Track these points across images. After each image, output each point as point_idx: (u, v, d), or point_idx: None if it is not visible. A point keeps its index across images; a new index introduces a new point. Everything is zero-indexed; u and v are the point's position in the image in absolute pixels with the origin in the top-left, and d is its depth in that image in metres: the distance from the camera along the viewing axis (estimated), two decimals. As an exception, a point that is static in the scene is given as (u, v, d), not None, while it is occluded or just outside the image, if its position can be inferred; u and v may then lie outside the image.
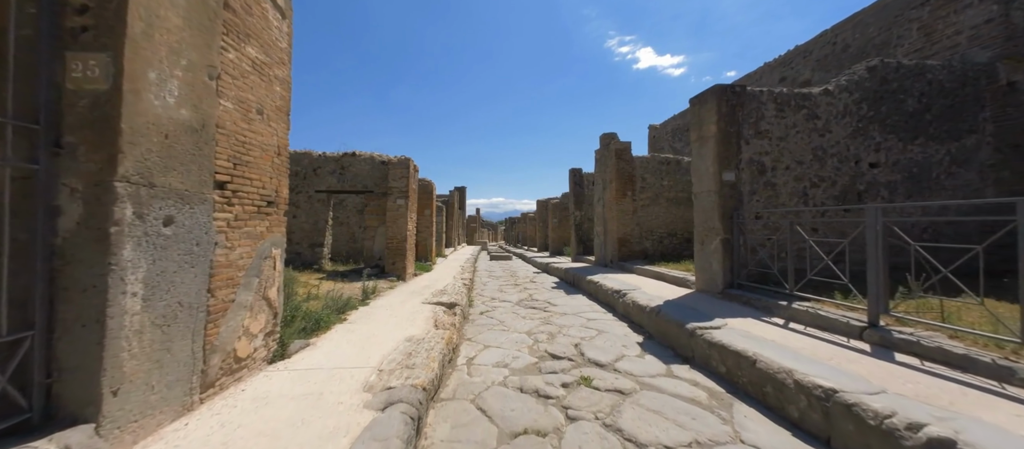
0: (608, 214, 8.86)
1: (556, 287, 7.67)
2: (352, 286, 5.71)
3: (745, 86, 5.00)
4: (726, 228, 4.80)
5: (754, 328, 3.40)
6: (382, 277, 6.93)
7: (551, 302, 6.05)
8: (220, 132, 2.05)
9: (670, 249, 8.45)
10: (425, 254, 10.68)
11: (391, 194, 7.22)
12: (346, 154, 7.65)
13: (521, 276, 9.95)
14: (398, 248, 7.18)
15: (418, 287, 6.14)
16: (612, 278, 6.58)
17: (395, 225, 7.20)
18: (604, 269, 8.26)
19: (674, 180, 8.55)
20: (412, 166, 7.44)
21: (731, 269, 4.76)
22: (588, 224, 12.56)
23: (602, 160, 9.34)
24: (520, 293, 7.01)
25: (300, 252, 7.50)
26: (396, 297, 5.13)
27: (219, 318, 2.05)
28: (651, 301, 4.53)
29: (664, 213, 8.49)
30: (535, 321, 4.80)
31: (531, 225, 26.40)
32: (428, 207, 10.95)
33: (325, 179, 7.58)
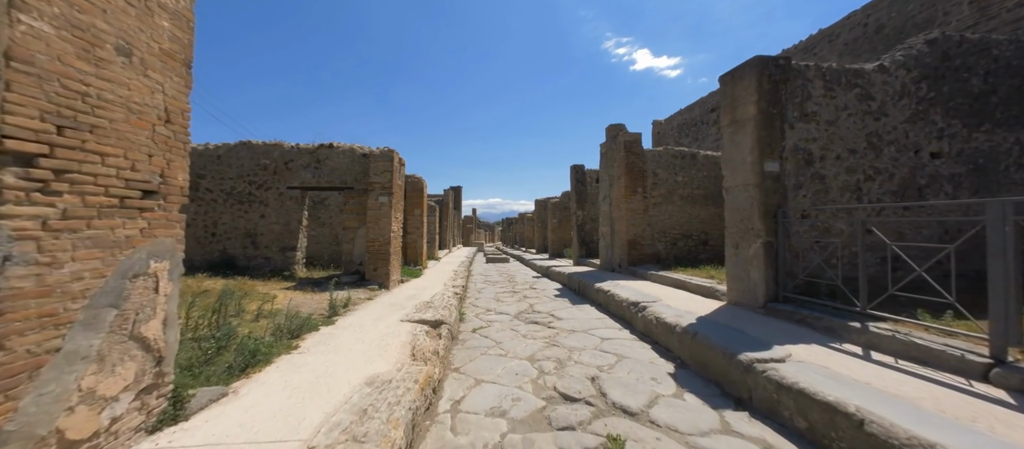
0: (615, 213, 8.05)
1: (559, 295, 6.86)
2: (321, 298, 4.87)
3: (789, 59, 4.20)
4: (768, 229, 4.00)
5: (831, 360, 2.60)
6: (361, 285, 6.09)
7: (555, 315, 5.23)
8: (17, 68, 1.21)
9: (685, 252, 7.66)
10: (415, 258, 9.85)
11: (372, 190, 6.38)
12: (322, 146, 6.81)
13: (520, 282, 9.13)
14: (380, 252, 6.34)
15: (401, 298, 5.31)
16: (624, 286, 5.77)
17: (377, 226, 6.37)
18: (612, 275, 7.45)
19: (689, 176, 7.76)
20: (396, 159, 6.61)
21: (775, 279, 3.96)
22: (591, 225, 11.75)
23: (608, 155, 8.54)
24: (519, 303, 6.19)
25: (269, 257, 6.65)
26: (371, 312, 4.30)
27: (13, 384, 1.21)
28: (680, 318, 3.72)
29: (678, 212, 7.70)
30: (538, 341, 3.98)
31: (529, 226, 25.60)
32: (418, 206, 10.12)
33: (298, 174, 6.74)
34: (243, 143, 6.76)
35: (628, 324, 4.62)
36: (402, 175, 7.13)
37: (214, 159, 6.68)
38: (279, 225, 6.70)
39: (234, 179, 6.69)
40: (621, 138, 7.70)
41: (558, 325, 4.67)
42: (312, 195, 9.64)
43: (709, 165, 7.84)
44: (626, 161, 7.55)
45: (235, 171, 6.70)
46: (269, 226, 6.69)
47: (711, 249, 7.75)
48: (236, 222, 6.64)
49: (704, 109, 13.14)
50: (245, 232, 6.64)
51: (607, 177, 8.67)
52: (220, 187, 6.67)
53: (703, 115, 13.15)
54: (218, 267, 6.34)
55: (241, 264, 6.56)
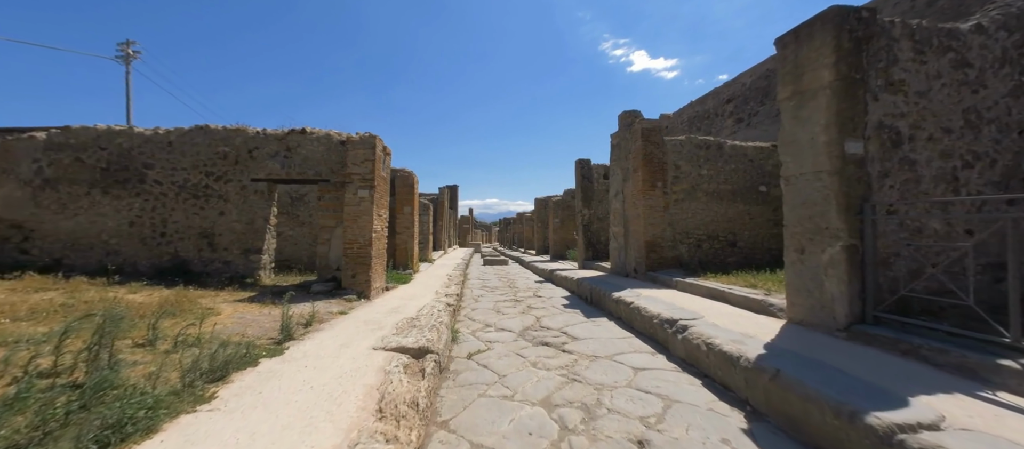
0: (631, 211, 7.17)
1: (569, 305, 5.96)
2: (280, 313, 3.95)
3: (875, 11, 3.33)
4: (851, 228, 3.12)
5: (1004, 427, 1.72)
6: (337, 295, 5.17)
7: (568, 332, 4.34)
8: None
9: (711, 256, 6.78)
10: (404, 261, 8.93)
11: (350, 183, 5.46)
12: (293, 131, 5.88)
13: (521, 287, 8.23)
14: (359, 255, 5.42)
15: (382, 311, 4.40)
16: (650, 297, 4.88)
17: (356, 225, 5.45)
18: (628, 281, 6.57)
19: (714, 169, 6.89)
20: (379, 146, 5.69)
21: (861, 293, 3.08)
22: (598, 224, 10.88)
23: (622, 145, 7.65)
24: (523, 315, 5.29)
25: (230, 261, 5.71)
26: (339, 333, 3.38)
27: None
28: (740, 345, 2.84)
29: (703, 210, 6.83)
30: (553, 374, 3.09)
31: (528, 226, 24.72)
32: (408, 203, 9.20)
33: (264, 164, 5.80)
34: (199, 128, 5.82)
35: (662, 347, 3.74)
36: (387, 166, 6.21)
37: (164, 146, 5.74)
38: (241, 224, 5.77)
39: (188, 170, 5.75)
40: (638, 125, 6.82)
41: (575, 348, 3.77)
42: (285, 190, 8.71)
43: (737, 157, 6.98)
44: (644, 152, 6.67)
45: (189, 160, 5.75)
46: (229, 225, 5.75)
47: (740, 252, 6.89)
48: (190, 220, 5.70)
49: (718, 101, 12.30)
50: (201, 232, 5.70)
51: (620, 171, 7.79)
52: (171, 179, 5.72)
53: (717, 107, 12.31)
54: (168, 273, 5.39)
55: (196, 269, 5.62)
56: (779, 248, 6.96)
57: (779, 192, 7.18)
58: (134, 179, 5.66)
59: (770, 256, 6.94)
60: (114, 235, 5.58)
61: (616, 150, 8.03)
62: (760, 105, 10.52)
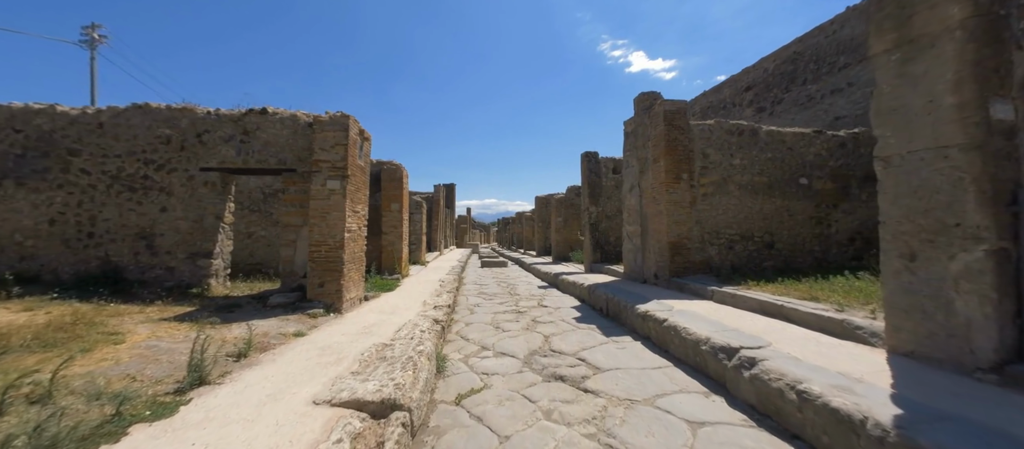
0: (650, 208, 6.26)
1: (581, 318, 5.05)
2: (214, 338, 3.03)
3: (1024, -80, 2.42)
4: (999, 225, 2.21)
5: None
6: (299, 309, 4.25)
7: (587, 358, 3.43)
8: None
9: (745, 259, 5.88)
10: (391, 264, 8.00)
11: (318, 172, 4.54)
12: (251, 112, 4.95)
13: (523, 294, 7.31)
14: (328, 259, 4.50)
15: (349, 332, 3.48)
16: (685, 312, 3.97)
17: (324, 222, 4.52)
18: (650, 289, 5.66)
19: (748, 158, 5.99)
20: (355, 128, 4.77)
21: (1017, 318, 2.17)
22: (607, 223, 9.97)
23: (639, 132, 6.74)
24: (528, 333, 4.37)
25: (173, 267, 4.77)
26: (273, 375, 2.46)
27: None
28: (858, 400, 1.95)
29: (735, 206, 5.93)
30: (577, 437, 2.18)
31: (528, 225, 23.81)
32: (396, 199, 8.27)
33: (217, 150, 4.87)
34: (137, 107, 4.88)
35: (717, 385, 2.83)
36: (365, 153, 5.29)
37: (93, 128, 4.80)
38: (187, 222, 4.83)
39: (123, 157, 4.81)
40: (659, 108, 5.91)
41: (600, 385, 2.86)
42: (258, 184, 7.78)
43: (774, 144, 6.07)
44: (667, 138, 5.76)
45: (125, 145, 4.82)
46: (173, 223, 4.81)
47: (779, 255, 5.99)
48: (125, 218, 4.76)
49: (736, 89, 11.41)
50: (137, 232, 4.76)
51: (635, 162, 6.88)
52: (102, 168, 4.78)
53: (735, 96, 11.43)
54: (95, 282, 4.45)
55: (131, 277, 4.68)
56: (823, 250, 6.07)
57: (822, 185, 6.31)
58: (56, 168, 4.72)
59: (812, 259, 6.04)
60: (30, 235, 4.64)
61: (631, 139, 7.13)
62: (785, 92, 9.64)
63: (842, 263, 6.08)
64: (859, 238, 6.19)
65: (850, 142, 6.26)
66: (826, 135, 6.23)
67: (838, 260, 6.10)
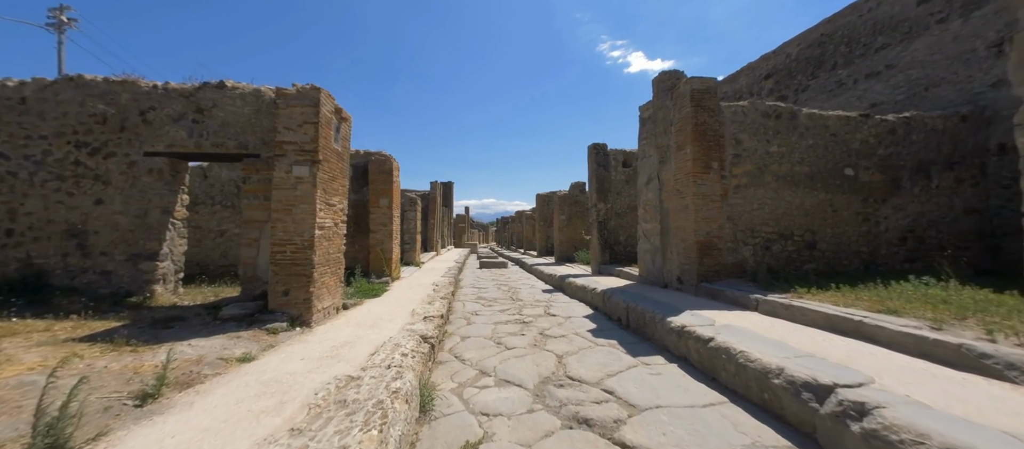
0: (673, 202, 5.51)
1: (597, 331, 4.31)
2: (122, 369, 2.28)
3: None
4: None
5: None
6: (256, 322, 3.49)
7: (616, 391, 2.69)
8: None
9: (783, 260, 5.13)
10: (380, 266, 7.24)
11: (283, 157, 3.77)
12: (206, 86, 4.19)
13: (527, 299, 6.56)
14: (295, 262, 3.73)
15: (310, 358, 2.73)
16: (732, 328, 3.23)
17: (289, 217, 3.76)
18: (674, 296, 4.92)
19: (787, 145, 5.24)
20: (328, 104, 4.01)
21: None
22: (617, 221, 9.24)
23: (657, 118, 6.00)
24: (536, 352, 3.62)
25: (108, 271, 4.00)
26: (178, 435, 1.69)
27: None
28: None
29: (772, 200, 5.18)
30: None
31: (528, 225, 23.06)
32: (385, 194, 7.51)
33: (164, 132, 4.11)
34: (68, 79, 4.11)
35: (801, 434, 2.08)
36: (343, 136, 4.53)
37: (14, 104, 4.03)
38: (128, 217, 4.06)
39: (50, 139, 4.04)
40: (686, 87, 5.16)
41: (642, 438, 2.11)
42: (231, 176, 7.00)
43: (815, 129, 5.33)
44: (695, 121, 5.01)
45: (53, 125, 4.05)
46: (110, 219, 4.04)
47: (821, 256, 5.24)
48: (52, 212, 3.99)
49: (754, 77, 10.67)
50: (67, 229, 3.99)
51: (654, 151, 6.13)
52: (24, 152, 4.01)
53: (753, 84, 10.69)
54: (11, 290, 3.68)
55: (58, 283, 3.91)
56: (871, 251, 5.33)
57: (870, 177, 5.56)
58: (-36, 151, 3.94)
59: (859, 262, 5.30)
60: (-66, 233, 3.87)
61: (648, 125, 6.37)
62: (811, 78, 8.90)
63: (893, 266, 5.35)
64: (911, 237, 5.45)
65: (900, 128, 5.52)
66: (874, 119, 5.50)
67: (888, 262, 5.36)
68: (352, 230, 7.77)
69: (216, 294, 4.98)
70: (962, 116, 5.64)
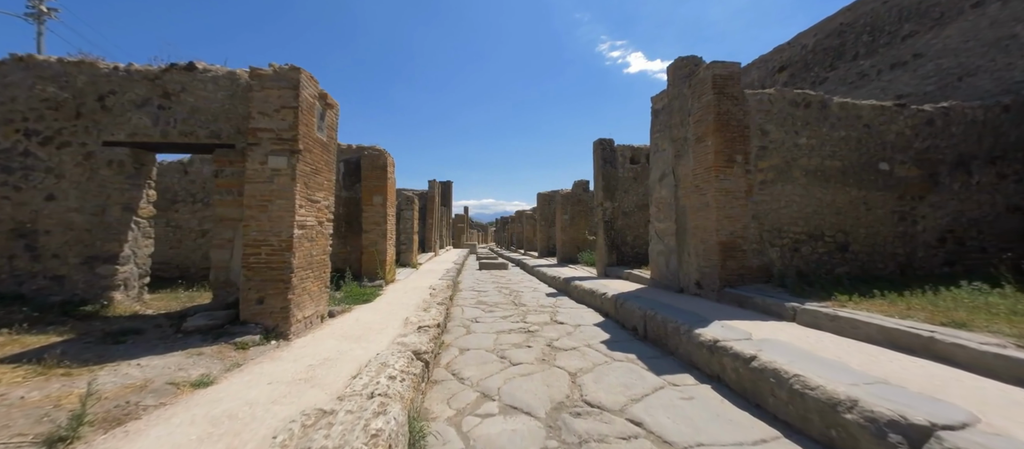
0: (691, 199, 5.08)
1: (611, 342, 3.88)
2: (44, 399, 1.83)
3: None
4: None
5: None
6: (225, 335, 3.06)
7: (645, 423, 2.28)
8: None
9: (813, 264, 4.70)
10: (373, 268, 6.81)
11: (257, 147, 3.33)
12: (173, 68, 3.76)
13: (530, 304, 6.13)
14: (271, 265, 3.30)
15: (279, 384, 2.31)
16: (773, 342, 2.81)
17: (264, 214, 3.33)
18: (696, 302, 4.50)
19: (817, 136, 4.81)
20: (310, 88, 3.57)
21: None
22: (624, 221, 8.81)
23: (673, 108, 5.57)
24: (545, 369, 3.18)
25: (61, 276, 3.56)
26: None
27: None
28: None
29: (801, 197, 4.75)
30: None
31: (528, 225, 22.63)
32: (379, 191, 7.07)
33: (126, 119, 3.67)
34: (17, 59, 3.67)
35: (894, 491, 1.64)
36: (327, 124, 4.09)
37: (-47, 86, 3.58)
38: (85, 215, 3.62)
39: (-4, 126, 3.59)
40: (707, 72, 4.73)
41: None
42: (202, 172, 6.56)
43: (847, 120, 4.89)
44: (717, 110, 4.58)
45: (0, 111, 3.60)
46: (63, 216, 3.60)
47: (854, 259, 4.81)
48: (-3, 208, 3.55)
49: (766, 70, 10.25)
50: (13, 228, 3.55)
51: (668, 144, 5.70)
52: (-34, 141, 3.57)
53: (765, 78, 10.26)
54: (-52, 296, 3.24)
55: (5, 289, 3.47)
56: (907, 253, 4.90)
57: (906, 172, 5.12)
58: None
59: (895, 264, 4.88)
60: None
61: (662, 117, 5.94)
62: (829, 70, 8.48)
63: (931, 269, 4.93)
64: (951, 238, 5.03)
65: (939, 118, 5.09)
66: (910, 109, 5.07)
67: (926, 265, 4.94)
68: (344, 230, 7.33)
69: (192, 300, 4.55)
70: (1004, 107, 5.21)
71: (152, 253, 4.08)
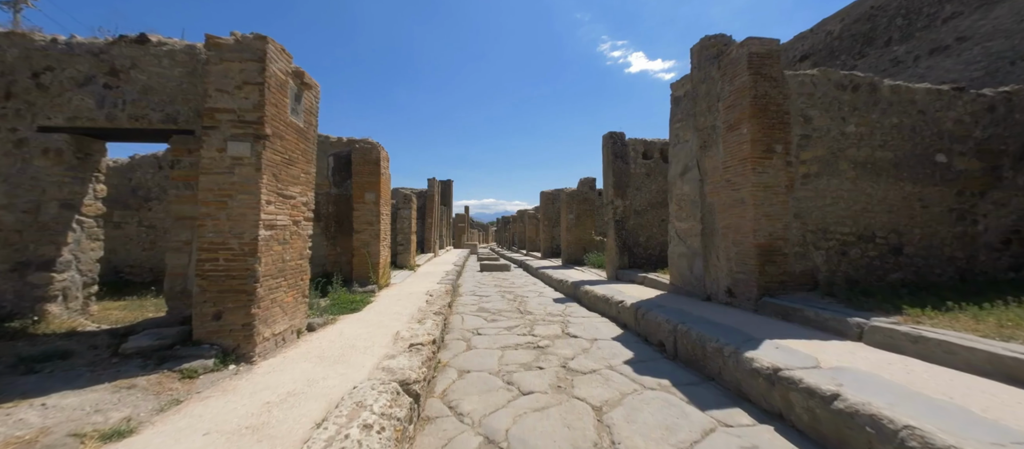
0: (720, 195, 4.52)
1: (636, 363, 3.33)
2: None
3: None
4: None
5: None
6: (170, 359, 2.51)
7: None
8: None
9: (863, 269, 4.13)
10: (365, 272, 6.25)
11: (214, 131, 2.78)
12: (121, 40, 3.22)
13: (537, 311, 5.58)
14: (231, 274, 2.75)
15: (219, 435, 1.73)
16: (870, 380, 2.28)
17: (223, 212, 2.78)
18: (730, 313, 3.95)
19: (866, 124, 4.24)
20: (278, 61, 3.02)
21: None
22: (636, 220, 8.24)
23: (698, 94, 5.00)
24: (562, 401, 2.64)
25: (-16, 285, 3.01)
26: None
27: None
28: None
29: (849, 193, 4.19)
30: None
31: (531, 224, 22.06)
32: (372, 188, 6.52)
33: (66, 99, 3.13)
34: (-65, 28, 3.12)
35: None
36: (304, 108, 3.54)
37: None
38: (14, 214, 3.08)
39: (-92, 107, 3.04)
40: (740, 52, 4.16)
41: None
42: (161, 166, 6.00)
43: (900, 105, 4.33)
44: (754, 92, 4.02)
45: (-87, 89, 3.05)
46: (-14, 214, 3.05)
47: (909, 263, 4.25)
48: (-92, 205, 3.00)
49: (787, 60, 9.66)
50: (-72, 228, 3.00)
51: (693, 134, 5.13)
52: None
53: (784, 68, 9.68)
54: None
55: (-84, 302, 2.92)
56: (967, 256, 4.33)
57: (965, 165, 4.53)
58: None
59: (953, 269, 4.31)
60: None
61: (684, 105, 5.38)
62: (858, 58, 7.90)
63: (995, 275, 4.36)
64: (1016, 240, 4.46)
65: (1001, 104, 4.52)
66: (970, 94, 4.50)
67: (988, 270, 4.37)
68: (334, 230, 6.79)
69: (159, 309, 4.02)
70: (1073, 91, 4.64)
71: (101, 257, 3.53)
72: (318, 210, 6.61)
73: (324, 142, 7.27)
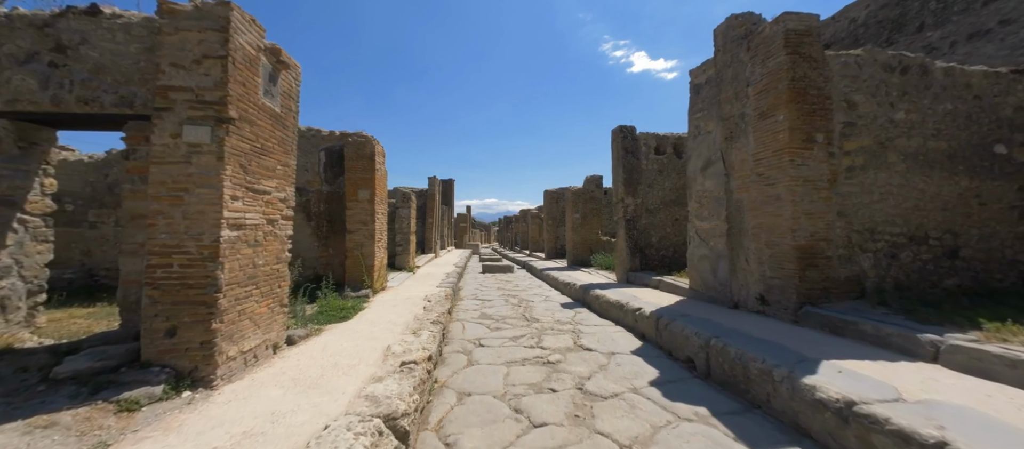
0: (749, 191, 4.07)
1: (663, 384, 2.89)
2: None
3: None
4: None
5: None
6: (112, 386, 2.09)
7: None
8: None
9: (916, 274, 3.67)
10: (359, 275, 5.83)
11: (169, 113, 2.36)
12: (69, 12, 2.80)
13: (544, 317, 5.14)
14: (188, 283, 2.33)
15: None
16: (1004, 429, 1.77)
17: (178, 208, 2.36)
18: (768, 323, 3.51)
19: (917, 110, 3.79)
20: (246, 33, 2.60)
21: None
22: (648, 220, 7.79)
23: (722, 79, 4.55)
24: (583, 438, 2.18)
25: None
26: None
27: None
28: None
29: (899, 188, 3.73)
30: None
31: (534, 224, 21.62)
32: (366, 185, 6.09)
33: (4, 79, 2.72)
34: None
35: None
36: (283, 91, 3.11)
37: None
38: (-59, 210, 2.68)
39: None
40: (775, 30, 3.71)
41: None
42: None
43: (954, 89, 3.87)
44: (791, 74, 3.56)
45: None
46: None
47: (966, 268, 3.78)
48: None
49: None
50: None
51: (716, 124, 4.68)
52: None
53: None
54: None
55: None
56: (1031, 259, 3.86)
57: (1026, 156, 4.07)
58: None
59: (1015, 274, 3.85)
60: None
61: (707, 92, 4.93)
62: (887, 45, 7.42)
63: (1061, 280, 3.89)
64: (1084, 240, 3.98)
65: (1065, 89, 4.06)
66: (1031, 77, 4.03)
67: (1054, 275, 3.90)
68: (325, 230, 6.37)
69: (93, 324, 3.62)
70: None
71: (50, 261, 3.11)
72: (308, 209, 6.19)
73: (315, 136, 6.85)
